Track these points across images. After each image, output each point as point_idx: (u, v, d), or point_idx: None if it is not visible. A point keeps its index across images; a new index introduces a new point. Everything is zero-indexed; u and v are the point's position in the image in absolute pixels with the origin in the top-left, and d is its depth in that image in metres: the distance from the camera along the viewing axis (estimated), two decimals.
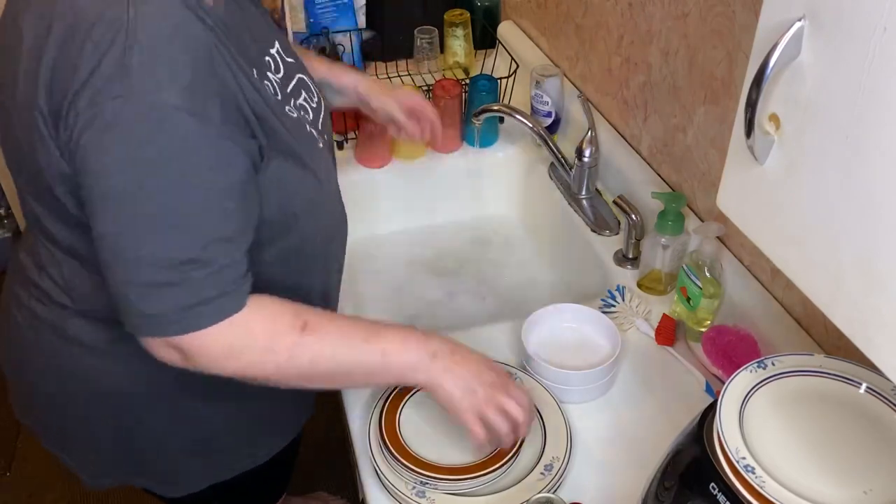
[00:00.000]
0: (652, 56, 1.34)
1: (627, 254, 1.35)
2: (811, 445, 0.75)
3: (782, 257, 0.66)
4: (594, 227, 1.43)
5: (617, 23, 1.43)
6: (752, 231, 0.70)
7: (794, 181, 0.62)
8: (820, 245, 0.61)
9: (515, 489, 0.99)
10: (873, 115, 0.53)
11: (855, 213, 0.56)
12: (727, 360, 1.10)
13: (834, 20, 0.55)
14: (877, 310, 0.56)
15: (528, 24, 1.85)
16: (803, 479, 0.72)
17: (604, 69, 1.52)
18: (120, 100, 0.75)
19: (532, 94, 1.58)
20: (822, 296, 0.62)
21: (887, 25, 0.50)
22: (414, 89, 1.45)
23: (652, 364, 1.18)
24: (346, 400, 1.14)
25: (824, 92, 0.57)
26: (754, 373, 0.81)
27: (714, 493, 0.74)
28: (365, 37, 1.85)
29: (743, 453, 0.73)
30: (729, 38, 1.12)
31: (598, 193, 1.49)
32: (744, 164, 0.67)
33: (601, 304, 1.27)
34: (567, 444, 1.04)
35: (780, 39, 0.58)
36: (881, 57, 0.51)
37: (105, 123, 0.76)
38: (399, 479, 1.00)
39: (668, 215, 1.23)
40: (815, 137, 0.59)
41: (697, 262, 1.16)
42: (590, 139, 1.42)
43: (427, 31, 1.77)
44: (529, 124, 1.45)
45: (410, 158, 1.62)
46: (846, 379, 0.81)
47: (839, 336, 0.81)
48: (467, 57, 1.81)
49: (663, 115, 1.35)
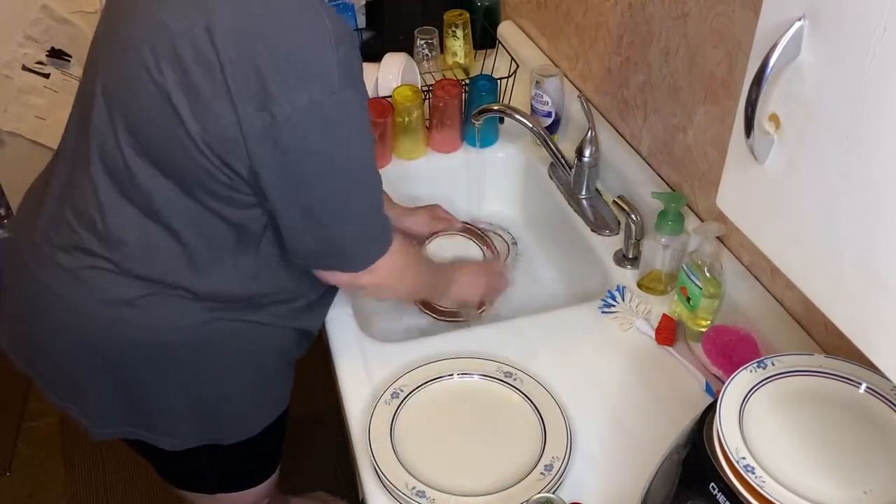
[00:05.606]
0: (652, 56, 1.34)
1: (627, 254, 1.35)
2: (811, 445, 0.75)
3: (782, 257, 0.66)
4: (594, 227, 1.43)
5: (617, 23, 1.43)
6: (752, 231, 0.70)
7: (794, 181, 0.62)
8: (820, 245, 0.61)
9: (515, 489, 0.99)
10: (873, 115, 0.53)
11: (855, 212, 0.56)
12: (727, 360, 1.10)
13: (834, 20, 0.55)
14: (877, 310, 0.56)
15: (528, 23, 1.85)
16: (803, 479, 0.72)
17: (604, 69, 1.52)
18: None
19: (532, 94, 1.58)
20: (823, 296, 0.62)
21: (887, 25, 0.50)
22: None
23: (652, 364, 1.18)
24: (347, 400, 1.14)
25: (824, 92, 0.57)
26: (754, 373, 0.81)
27: (714, 492, 0.74)
28: (365, 37, 1.85)
29: (743, 453, 0.73)
30: (729, 38, 1.12)
31: (598, 193, 1.49)
32: (744, 163, 0.67)
33: (601, 304, 1.27)
34: (567, 444, 1.04)
35: (780, 39, 0.58)
36: (881, 57, 0.51)
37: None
38: (399, 479, 1.00)
39: (668, 215, 1.23)
40: (815, 137, 0.59)
41: (697, 262, 1.16)
42: (590, 139, 1.42)
43: (427, 31, 1.77)
44: (529, 124, 1.45)
45: (410, 158, 1.62)
46: (846, 379, 0.81)
47: (839, 336, 0.81)
48: (467, 57, 1.81)
49: (663, 115, 1.35)
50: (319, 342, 1.30)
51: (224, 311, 1.10)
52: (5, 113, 2.31)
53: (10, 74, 2.25)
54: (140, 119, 0.98)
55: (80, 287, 1.07)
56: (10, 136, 2.35)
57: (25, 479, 2.16)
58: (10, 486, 2.15)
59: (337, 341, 1.23)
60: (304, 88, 0.90)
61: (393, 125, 1.58)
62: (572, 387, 1.14)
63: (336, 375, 1.19)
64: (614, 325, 1.24)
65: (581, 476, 1.03)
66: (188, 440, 1.21)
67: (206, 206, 1.01)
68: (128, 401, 1.15)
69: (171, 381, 1.13)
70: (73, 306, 1.08)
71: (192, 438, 1.21)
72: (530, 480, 1.00)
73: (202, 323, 1.09)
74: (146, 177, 1.00)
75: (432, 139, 1.64)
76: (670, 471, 0.84)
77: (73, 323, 1.09)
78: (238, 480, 1.36)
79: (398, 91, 1.56)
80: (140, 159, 1.00)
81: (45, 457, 2.21)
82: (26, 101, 2.30)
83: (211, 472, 1.31)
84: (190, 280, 1.06)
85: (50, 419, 2.26)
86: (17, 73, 2.26)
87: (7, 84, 2.26)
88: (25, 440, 2.25)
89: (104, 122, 1.01)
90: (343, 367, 1.19)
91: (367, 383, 1.16)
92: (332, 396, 1.28)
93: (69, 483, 2.14)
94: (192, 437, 1.20)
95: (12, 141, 2.36)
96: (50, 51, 2.25)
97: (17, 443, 2.24)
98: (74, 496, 2.12)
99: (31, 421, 2.27)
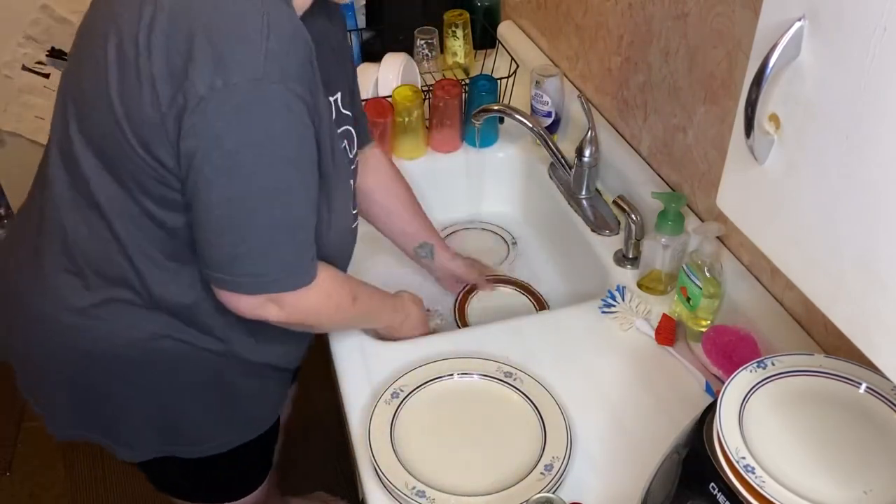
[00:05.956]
0: (652, 56, 1.34)
1: (627, 254, 1.35)
2: (811, 445, 0.75)
3: (782, 257, 0.66)
4: (594, 227, 1.43)
5: (617, 23, 1.43)
6: (752, 231, 0.70)
7: (794, 181, 0.62)
8: (820, 245, 0.61)
9: (515, 489, 0.99)
10: (873, 115, 0.53)
11: (855, 212, 0.56)
12: (727, 360, 1.10)
13: (834, 20, 0.55)
14: (877, 310, 0.56)
15: (528, 24, 1.85)
16: (803, 479, 0.72)
17: (604, 69, 1.52)
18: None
19: (532, 94, 1.58)
20: (823, 296, 0.62)
21: (887, 25, 0.50)
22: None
23: (652, 364, 1.18)
24: (347, 400, 1.14)
25: (824, 92, 0.57)
26: (754, 373, 0.81)
27: (714, 492, 0.74)
28: (365, 37, 1.85)
29: (743, 453, 0.73)
30: (729, 38, 1.12)
31: (598, 193, 1.49)
32: (744, 163, 0.67)
33: (601, 304, 1.27)
34: (567, 444, 1.04)
35: (780, 39, 0.58)
36: (881, 57, 0.51)
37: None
38: (399, 479, 1.00)
39: (668, 215, 1.23)
40: (815, 137, 0.59)
41: (697, 262, 1.16)
42: (590, 139, 1.42)
43: (427, 31, 1.77)
44: (529, 124, 1.45)
45: (410, 158, 1.62)
46: (846, 379, 0.81)
47: (839, 336, 0.81)
48: (467, 57, 1.81)
49: (663, 115, 1.35)
50: (319, 342, 1.30)
51: (174, 329, 1.06)
52: (5, 113, 2.31)
53: (10, 74, 2.25)
54: (83, 103, 0.97)
55: (44, 293, 1.07)
56: (10, 136, 2.35)
57: (25, 479, 2.16)
58: (10, 486, 2.15)
59: (337, 341, 1.23)
60: (221, 72, 0.85)
61: (393, 125, 1.58)
62: (572, 387, 1.14)
63: (336, 375, 1.19)
64: (614, 325, 1.24)
65: (581, 476, 1.03)
66: (146, 452, 1.18)
67: (141, 206, 0.98)
68: (87, 407, 1.14)
69: (126, 393, 1.11)
70: (37, 313, 1.08)
71: (150, 450, 1.18)
72: (530, 480, 1.00)
73: (152, 338, 1.06)
74: (91, 169, 0.98)
75: (432, 139, 1.64)
76: (670, 471, 0.84)
77: (37, 329, 1.09)
78: (218, 493, 1.33)
79: (398, 91, 1.56)
80: (86, 149, 0.98)
81: (45, 457, 2.21)
82: (26, 101, 2.30)
83: (185, 482, 1.29)
84: (138, 284, 1.03)
85: None
86: (17, 73, 2.26)
87: (7, 84, 2.26)
88: (25, 440, 2.25)
89: (60, 113, 1.01)
90: (343, 367, 1.19)
91: (367, 383, 1.16)
92: (331, 396, 1.28)
93: (69, 483, 2.14)
94: (150, 448, 1.18)
95: (12, 141, 2.36)
96: (50, 51, 2.25)
97: (17, 443, 2.24)
98: (74, 496, 2.12)
99: (31, 421, 2.27)
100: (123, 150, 0.93)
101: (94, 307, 1.05)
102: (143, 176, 0.95)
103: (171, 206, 0.97)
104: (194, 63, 0.85)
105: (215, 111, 0.86)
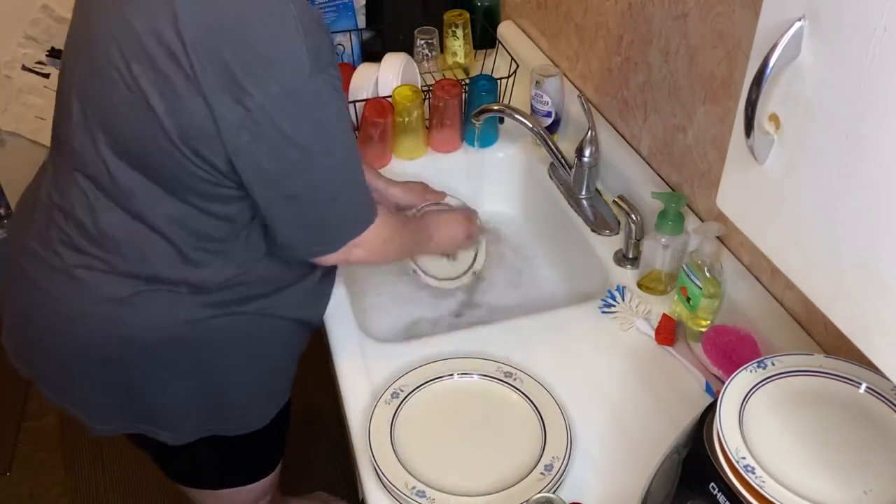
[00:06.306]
0: (652, 56, 1.34)
1: (627, 254, 1.35)
2: (811, 445, 0.75)
3: (782, 257, 0.66)
4: (594, 227, 1.43)
5: (617, 23, 1.43)
6: (752, 231, 0.70)
7: (794, 181, 0.62)
8: (820, 245, 0.61)
9: (515, 489, 0.99)
10: (873, 115, 0.53)
11: (855, 212, 0.56)
12: (727, 360, 1.10)
13: (834, 20, 0.55)
14: (877, 310, 0.56)
15: (528, 24, 1.85)
16: (803, 479, 0.72)
17: (604, 69, 1.52)
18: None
19: (532, 94, 1.58)
20: (823, 296, 0.62)
21: (887, 25, 0.50)
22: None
23: (652, 364, 1.18)
24: (347, 400, 1.14)
25: (824, 92, 0.57)
26: (754, 373, 0.81)
27: (714, 492, 0.74)
28: (365, 37, 1.85)
29: (743, 453, 0.73)
30: (729, 38, 1.12)
31: (598, 193, 1.49)
32: (744, 163, 0.67)
33: (601, 304, 1.27)
34: (567, 444, 1.04)
35: (780, 39, 0.58)
36: (881, 57, 0.51)
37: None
38: (399, 479, 1.00)
39: (668, 215, 1.23)
40: (815, 137, 0.59)
41: (697, 262, 1.16)
42: (590, 139, 1.42)
43: (427, 31, 1.77)
44: (529, 124, 1.45)
45: (410, 158, 1.62)
46: (846, 379, 0.81)
47: (839, 336, 0.81)
48: (467, 57, 1.81)
49: (663, 115, 1.35)
50: (319, 342, 1.30)
51: (220, 306, 1.10)
52: (5, 113, 2.31)
53: (10, 74, 2.25)
54: (116, 120, 0.98)
55: (74, 287, 1.07)
56: (10, 136, 2.35)
57: (25, 479, 2.16)
58: (10, 486, 2.15)
59: (337, 341, 1.23)
60: (274, 77, 0.90)
61: (393, 125, 1.58)
62: (572, 387, 1.14)
63: (336, 375, 1.19)
64: (614, 325, 1.24)
65: (581, 476, 1.03)
66: (189, 434, 1.21)
67: (190, 204, 1.02)
68: (127, 396, 1.15)
69: (169, 376, 1.13)
70: (67, 307, 1.08)
71: (192, 431, 1.21)
72: (530, 480, 1.00)
73: (198, 319, 1.09)
74: (127, 179, 1.01)
75: (432, 139, 1.64)
76: (670, 471, 0.84)
77: (69, 323, 1.09)
78: (239, 475, 1.36)
79: (398, 91, 1.56)
80: (119, 161, 1.00)
81: (45, 457, 2.21)
82: (26, 101, 2.30)
83: (211, 465, 1.31)
84: (183, 274, 1.06)
85: (50, 419, 2.26)
86: (17, 73, 2.26)
87: (7, 84, 2.26)
88: (25, 440, 2.25)
89: (82, 125, 1.01)
90: (343, 367, 1.19)
91: (367, 383, 1.16)
92: (331, 396, 1.28)
93: (69, 483, 2.14)
94: (192, 429, 1.21)
95: (12, 141, 2.36)
96: (50, 51, 2.25)
97: (17, 443, 2.24)
98: (74, 496, 2.12)
99: (31, 421, 2.27)
100: (174, 160, 0.96)
101: (133, 296, 1.07)
102: (193, 179, 0.98)
103: (223, 199, 1.02)
104: (244, 73, 0.89)
105: (280, 115, 0.92)
